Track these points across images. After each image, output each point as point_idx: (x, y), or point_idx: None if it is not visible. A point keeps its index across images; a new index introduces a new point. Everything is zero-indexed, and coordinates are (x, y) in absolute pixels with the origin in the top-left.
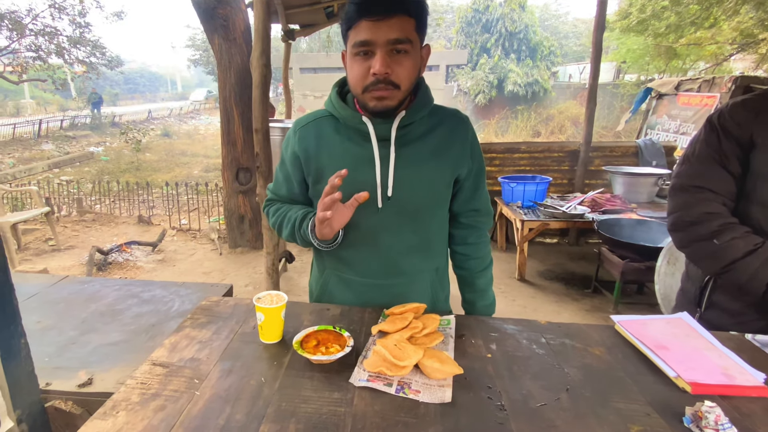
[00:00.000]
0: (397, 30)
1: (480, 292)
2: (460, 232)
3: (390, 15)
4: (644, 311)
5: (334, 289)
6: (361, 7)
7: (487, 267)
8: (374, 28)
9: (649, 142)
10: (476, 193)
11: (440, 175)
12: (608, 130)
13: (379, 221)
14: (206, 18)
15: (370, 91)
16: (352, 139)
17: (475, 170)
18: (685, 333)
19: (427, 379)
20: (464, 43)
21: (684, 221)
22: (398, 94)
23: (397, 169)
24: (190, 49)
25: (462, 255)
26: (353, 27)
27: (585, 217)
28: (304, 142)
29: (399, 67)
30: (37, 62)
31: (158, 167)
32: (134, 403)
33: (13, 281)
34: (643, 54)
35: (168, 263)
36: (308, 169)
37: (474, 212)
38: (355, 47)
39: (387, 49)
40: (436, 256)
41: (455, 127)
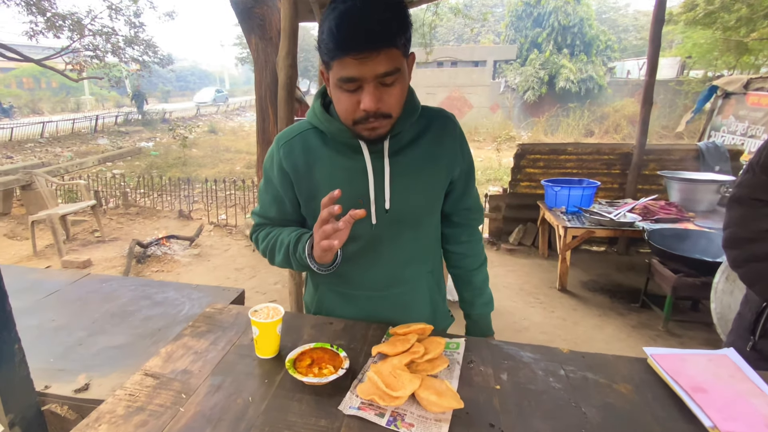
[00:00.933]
0: (385, 64)
1: (478, 290)
2: (453, 230)
3: (377, 51)
4: (698, 331)
5: (330, 304)
6: (344, 44)
7: (482, 264)
8: (360, 65)
9: (711, 146)
10: (467, 192)
11: (436, 180)
12: (669, 130)
13: (377, 234)
14: (243, 17)
15: (360, 124)
16: (341, 152)
17: (466, 169)
18: (729, 373)
19: (423, 411)
20: (514, 38)
21: (740, 238)
22: (389, 121)
23: (393, 180)
24: (238, 48)
25: (456, 254)
26: (336, 60)
27: (635, 226)
28: (292, 158)
29: (389, 97)
30: (94, 61)
31: (203, 163)
32: (118, 416)
33: (37, 277)
34: (711, 49)
35: (203, 258)
36: (299, 186)
37: (466, 210)
38: (340, 81)
39: (375, 82)
40: (430, 259)
41: (443, 126)
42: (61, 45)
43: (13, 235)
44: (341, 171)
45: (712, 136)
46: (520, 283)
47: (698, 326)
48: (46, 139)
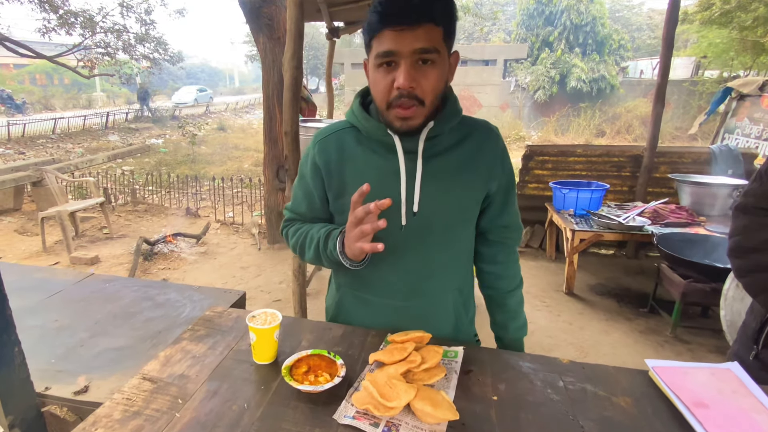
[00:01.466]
0: (424, 39)
1: (512, 313)
2: (489, 249)
3: (416, 24)
4: (707, 337)
5: (350, 308)
6: (385, 15)
7: (518, 286)
8: (398, 38)
9: (725, 148)
10: (506, 209)
11: (470, 190)
12: (683, 132)
13: (402, 239)
14: (251, 17)
15: (394, 108)
16: (376, 152)
17: (505, 184)
18: (731, 388)
19: (418, 421)
20: (525, 37)
21: (744, 247)
22: (423, 110)
23: (424, 184)
24: (248, 45)
25: (490, 274)
26: (376, 36)
27: (644, 230)
28: (325, 154)
29: (424, 79)
30: (105, 58)
31: (212, 160)
32: (114, 420)
33: (43, 276)
34: (727, 49)
35: (209, 256)
36: (330, 182)
37: (503, 228)
38: (378, 58)
39: (412, 59)
40: (460, 276)
41: (485, 138)
42: (73, 42)
43: (23, 231)
44: (373, 170)
45: (726, 138)
46: (527, 286)
47: (707, 333)
48: (58, 135)
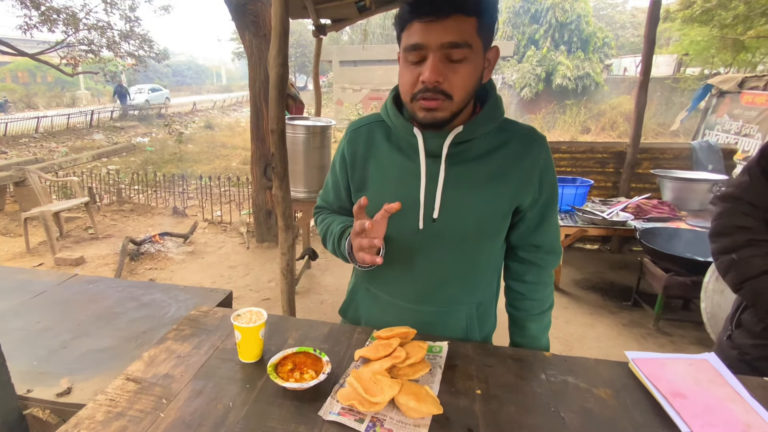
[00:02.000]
0: (453, 32)
1: (530, 338)
2: (517, 266)
3: (445, 15)
4: (689, 329)
5: (360, 301)
6: (414, 6)
7: (545, 312)
8: (426, 30)
9: (705, 144)
10: (541, 227)
11: (496, 203)
12: (665, 128)
13: (418, 243)
14: (237, 14)
15: (418, 100)
16: (401, 150)
17: (542, 201)
18: (708, 378)
19: (403, 416)
20: (511, 35)
21: (715, 231)
22: (450, 105)
23: (446, 190)
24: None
25: (517, 293)
26: (406, 28)
27: (627, 225)
28: (354, 145)
29: (453, 75)
30: (89, 55)
31: (199, 158)
32: (97, 422)
33: (25, 277)
34: (708, 46)
35: (197, 255)
36: (353, 174)
37: (535, 248)
38: (406, 51)
39: (440, 54)
40: (479, 290)
41: (526, 148)
42: (56, 39)
43: (6, 232)
44: (396, 168)
45: (707, 134)
46: None
47: (689, 325)
48: (41, 134)
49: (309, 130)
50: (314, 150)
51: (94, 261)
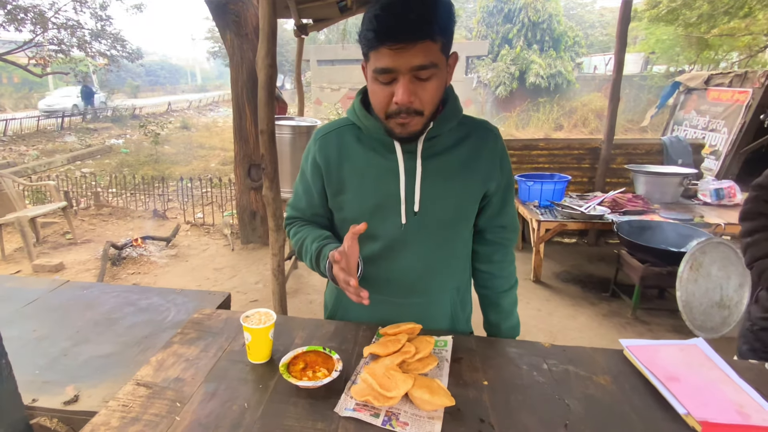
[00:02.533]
0: (421, 57)
1: (505, 314)
2: (485, 248)
3: (413, 42)
4: (664, 318)
5: (348, 305)
6: (381, 33)
7: (513, 286)
8: (396, 56)
9: (675, 140)
10: (504, 209)
11: (469, 190)
12: (634, 124)
13: (401, 237)
14: (218, 13)
15: (393, 118)
16: (375, 150)
17: (503, 185)
18: (699, 362)
19: (416, 409)
20: (485, 34)
21: (742, 216)
22: (421, 119)
23: (423, 183)
24: (210, 42)
25: (486, 273)
26: (373, 50)
27: (605, 218)
28: (325, 151)
29: (423, 92)
30: (59, 55)
31: (176, 160)
32: (113, 428)
33: (14, 285)
34: (673, 45)
35: (181, 258)
36: (329, 179)
37: (500, 228)
38: (376, 72)
39: (410, 75)
40: (457, 275)
41: (484, 138)
42: (24, 39)
43: None
44: (372, 168)
45: (675, 130)
46: None
47: (665, 313)
48: (10, 137)
49: (295, 131)
50: (300, 150)
51: (74, 267)
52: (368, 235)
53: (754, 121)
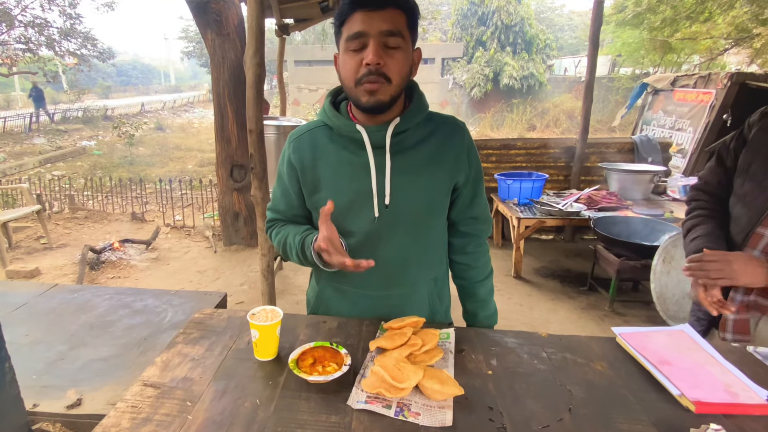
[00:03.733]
0: (389, 22)
1: (481, 302)
2: (459, 240)
3: (383, 7)
4: (639, 309)
5: (330, 300)
6: (355, 2)
7: (488, 276)
8: (367, 19)
9: (645, 139)
10: (474, 201)
11: (438, 183)
12: (603, 124)
13: (376, 231)
14: (199, 12)
15: (362, 84)
16: (347, 148)
17: (472, 177)
18: (687, 346)
19: (427, 399)
20: (460, 36)
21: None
22: (390, 88)
23: (393, 177)
24: (184, 41)
25: (461, 264)
26: (347, 21)
27: (581, 215)
28: (299, 152)
29: (390, 60)
30: (27, 54)
31: (152, 162)
32: (125, 429)
33: (2, 290)
34: (639, 48)
35: (162, 262)
36: (304, 179)
37: (472, 220)
38: (348, 40)
39: (380, 40)
40: (434, 266)
41: (451, 133)
42: None
43: None
44: (345, 165)
45: (644, 129)
46: None
47: (639, 305)
48: None
49: (279, 130)
50: None
51: (50, 272)
52: (344, 231)
53: (717, 121)
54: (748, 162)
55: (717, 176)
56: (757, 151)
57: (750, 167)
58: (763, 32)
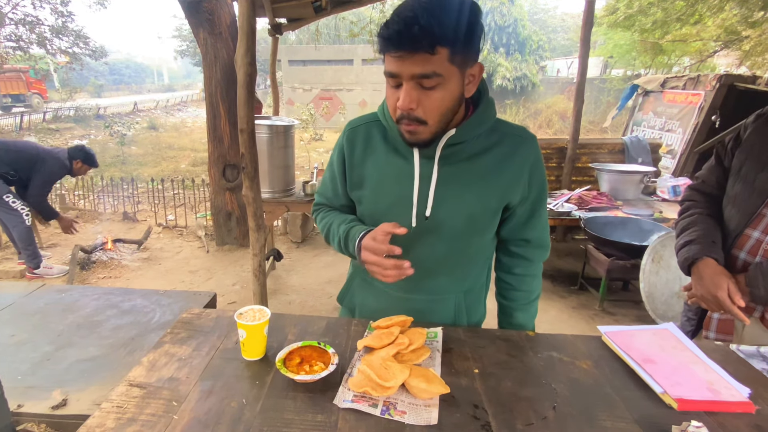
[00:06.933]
0: (422, 65)
1: (517, 326)
2: (507, 259)
3: (413, 52)
4: (629, 308)
5: (356, 290)
6: (385, 41)
7: (532, 302)
8: (399, 62)
9: (635, 140)
10: (530, 222)
11: (485, 201)
12: (595, 125)
13: (410, 240)
14: (191, 12)
15: (400, 123)
16: (398, 151)
17: (532, 198)
18: (671, 345)
19: (413, 398)
20: None
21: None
22: (427, 129)
23: (438, 189)
24: (177, 40)
25: (506, 284)
26: (384, 55)
27: (572, 215)
28: (352, 143)
29: (427, 100)
30: (17, 52)
31: (144, 161)
32: (109, 429)
33: None
34: (630, 49)
35: (154, 262)
36: (351, 171)
37: (524, 242)
38: (386, 76)
39: (413, 82)
40: (468, 279)
41: (515, 148)
42: None
43: None
44: (392, 168)
45: (634, 130)
46: None
47: (629, 304)
48: None
49: (272, 130)
50: (278, 150)
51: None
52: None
53: (706, 122)
54: (740, 163)
55: (716, 176)
56: (749, 153)
57: (741, 168)
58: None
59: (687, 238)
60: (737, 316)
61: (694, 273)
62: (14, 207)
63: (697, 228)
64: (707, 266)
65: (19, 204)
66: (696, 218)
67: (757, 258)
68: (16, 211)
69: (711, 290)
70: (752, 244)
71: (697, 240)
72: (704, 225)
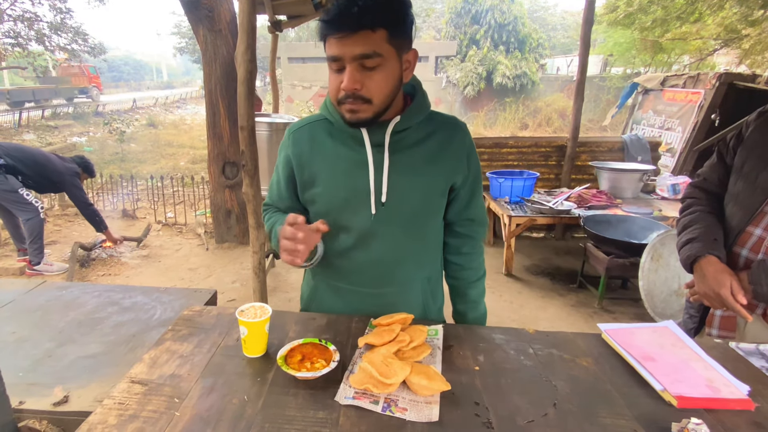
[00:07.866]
0: (363, 45)
1: (471, 303)
2: (455, 241)
3: (355, 31)
4: (628, 306)
5: (323, 296)
6: (327, 24)
7: (480, 278)
8: (340, 44)
9: (634, 138)
10: (471, 202)
11: (434, 183)
12: (594, 123)
13: (372, 228)
14: (190, 8)
15: (343, 104)
16: (346, 144)
17: (470, 179)
18: (671, 343)
19: (414, 395)
20: (453, 35)
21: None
22: (371, 107)
23: (390, 175)
24: (176, 37)
25: (455, 265)
26: (326, 41)
27: (571, 213)
28: (298, 146)
29: (369, 81)
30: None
31: (144, 158)
32: (111, 426)
33: None
34: (630, 47)
35: (153, 259)
36: (300, 173)
37: (469, 221)
38: (328, 60)
39: (355, 63)
40: (428, 265)
41: (451, 134)
42: None
43: None
44: (342, 161)
45: (634, 129)
46: None
47: (628, 302)
48: None
49: (272, 127)
50: (277, 147)
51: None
52: (341, 227)
53: (705, 121)
54: (743, 160)
55: (717, 173)
56: (751, 150)
57: (743, 166)
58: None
59: (689, 236)
60: (740, 314)
61: (696, 270)
62: (29, 200)
63: (699, 225)
64: (710, 264)
65: (33, 197)
66: (698, 216)
67: (759, 255)
68: (31, 204)
69: (714, 288)
70: (754, 241)
71: (699, 237)
72: (706, 222)
